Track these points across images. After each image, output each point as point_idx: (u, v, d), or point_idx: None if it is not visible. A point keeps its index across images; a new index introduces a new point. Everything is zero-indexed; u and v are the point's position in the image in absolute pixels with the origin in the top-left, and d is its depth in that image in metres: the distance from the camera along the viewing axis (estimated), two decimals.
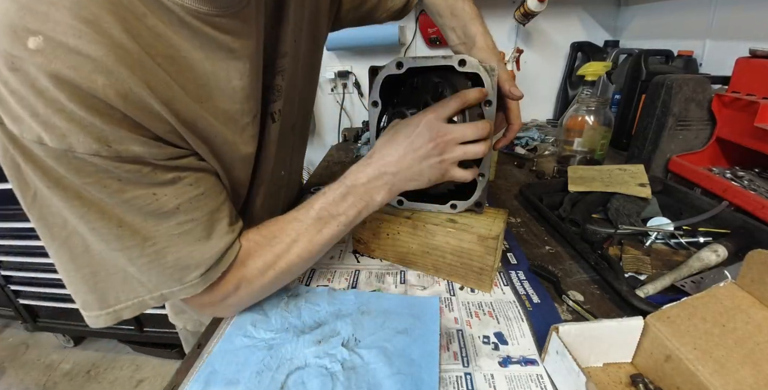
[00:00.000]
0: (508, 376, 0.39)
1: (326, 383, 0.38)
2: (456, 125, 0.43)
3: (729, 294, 0.36)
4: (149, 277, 0.36)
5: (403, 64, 0.47)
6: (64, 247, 0.33)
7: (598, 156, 0.90)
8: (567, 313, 0.47)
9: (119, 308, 0.37)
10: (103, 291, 0.36)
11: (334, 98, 1.52)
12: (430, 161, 0.42)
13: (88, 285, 0.35)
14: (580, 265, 0.56)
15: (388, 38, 1.32)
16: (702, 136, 0.78)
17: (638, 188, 0.68)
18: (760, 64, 0.66)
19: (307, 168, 1.62)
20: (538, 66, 1.41)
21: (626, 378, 0.37)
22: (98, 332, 1.53)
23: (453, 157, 0.43)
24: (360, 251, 0.61)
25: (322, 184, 0.92)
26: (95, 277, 0.35)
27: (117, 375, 1.55)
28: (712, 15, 0.94)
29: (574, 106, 0.90)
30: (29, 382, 1.53)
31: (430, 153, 0.42)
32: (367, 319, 0.46)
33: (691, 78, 0.76)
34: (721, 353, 0.33)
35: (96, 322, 0.36)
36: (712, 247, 0.52)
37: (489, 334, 0.44)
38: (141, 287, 0.37)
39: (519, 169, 0.97)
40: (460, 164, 0.45)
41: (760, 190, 0.64)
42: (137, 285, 0.37)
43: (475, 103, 0.44)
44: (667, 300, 0.41)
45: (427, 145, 0.42)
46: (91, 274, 0.35)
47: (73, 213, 0.32)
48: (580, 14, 1.35)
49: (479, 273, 0.50)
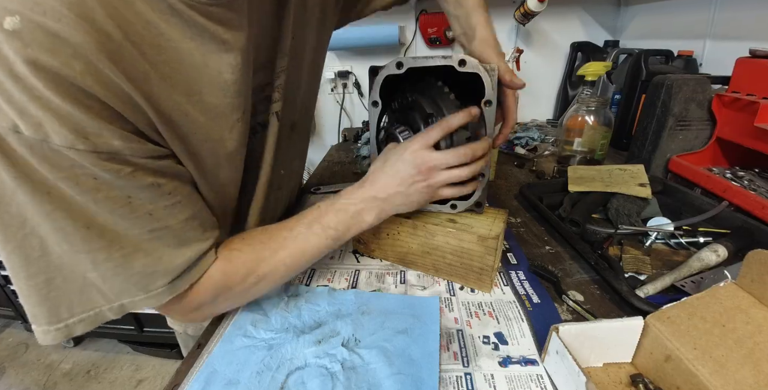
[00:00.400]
0: (508, 376, 0.39)
1: (326, 383, 0.38)
2: (439, 153, 0.45)
3: (729, 294, 0.36)
4: (112, 284, 0.34)
5: (403, 64, 0.47)
6: (18, 250, 0.31)
7: (598, 156, 0.90)
8: (567, 313, 0.47)
9: (72, 322, 0.34)
10: (56, 302, 0.33)
11: (334, 98, 1.52)
12: (416, 187, 0.45)
13: (40, 295, 0.32)
14: (580, 265, 0.56)
15: (388, 38, 1.32)
16: (702, 136, 0.78)
17: (638, 188, 0.68)
18: (760, 64, 0.66)
19: (307, 168, 1.62)
20: (538, 66, 1.41)
21: (626, 378, 0.37)
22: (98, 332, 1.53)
23: (437, 182, 0.46)
24: (360, 251, 0.61)
25: (322, 184, 0.92)
26: (49, 286, 0.32)
27: (117, 375, 1.55)
28: (712, 15, 0.94)
29: (574, 106, 0.90)
30: (29, 382, 1.53)
31: (415, 179, 0.45)
32: (367, 319, 0.46)
33: (691, 78, 0.76)
34: (721, 353, 0.33)
35: (44, 339, 0.34)
36: (712, 247, 0.52)
37: (489, 334, 0.44)
38: (99, 297, 0.35)
39: (519, 169, 0.97)
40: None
41: (760, 190, 0.64)
42: (95, 294, 0.34)
43: (459, 126, 0.46)
44: (667, 300, 0.41)
45: (411, 173, 0.45)
46: (45, 282, 0.32)
47: (38, 210, 0.29)
48: (580, 14, 1.35)
49: (479, 273, 0.50)
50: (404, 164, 0.45)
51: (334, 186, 0.89)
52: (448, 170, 0.45)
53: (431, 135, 0.45)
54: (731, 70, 0.71)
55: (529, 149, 1.09)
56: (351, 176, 0.99)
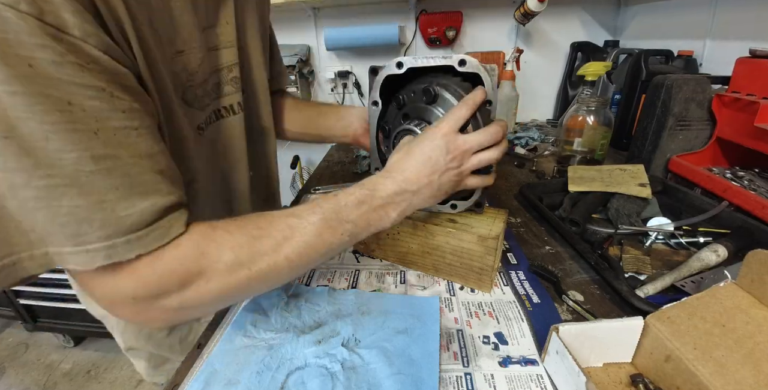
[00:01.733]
0: (508, 376, 0.39)
1: (326, 383, 0.38)
2: (471, 135, 0.41)
3: (729, 294, 0.36)
4: (33, 220, 0.26)
5: (403, 64, 0.47)
6: None
7: (598, 156, 0.90)
8: (567, 313, 0.47)
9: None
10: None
11: (334, 98, 1.52)
12: (448, 175, 0.41)
13: None
14: (580, 265, 0.56)
15: (388, 38, 1.32)
16: (702, 136, 0.78)
17: (638, 188, 0.68)
18: (760, 64, 0.66)
19: (307, 168, 1.62)
20: (538, 66, 1.41)
21: (626, 378, 0.37)
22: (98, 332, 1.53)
23: (469, 167, 0.42)
24: (360, 251, 0.61)
25: (322, 184, 0.92)
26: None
27: (117, 375, 1.55)
28: (712, 15, 0.94)
29: (574, 106, 0.90)
30: (29, 382, 1.53)
31: (449, 166, 0.40)
32: (368, 319, 0.46)
33: (691, 78, 0.76)
34: (721, 353, 0.33)
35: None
36: (712, 247, 0.52)
37: (489, 334, 0.44)
38: (20, 236, 0.27)
39: (519, 169, 0.97)
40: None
41: (760, 190, 0.64)
42: (14, 233, 0.27)
43: (482, 103, 0.43)
44: (667, 300, 0.41)
45: (446, 159, 0.40)
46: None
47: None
48: (580, 14, 1.35)
49: (479, 273, 0.50)
50: (437, 150, 0.39)
51: (334, 186, 0.89)
52: (480, 153, 0.42)
53: (461, 114, 0.40)
54: (731, 70, 0.71)
55: (529, 149, 1.09)
56: (351, 176, 0.99)
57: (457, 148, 0.40)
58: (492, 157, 0.42)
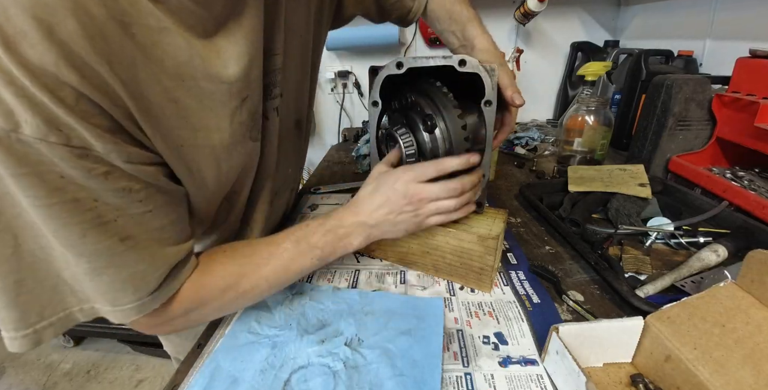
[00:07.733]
0: (508, 376, 0.39)
1: (328, 382, 0.38)
2: (430, 186, 0.45)
3: (729, 294, 0.36)
4: (83, 286, 0.33)
5: (403, 64, 0.47)
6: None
7: (598, 156, 0.90)
8: (567, 313, 0.47)
9: (41, 327, 0.32)
10: (26, 305, 0.31)
11: (334, 98, 1.52)
12: (404, 216, 0.45)
13: (8, 297, 0.31)
14: (580, 265, 0.56)
15: (388, 38, 1.32)
16: (702, 136, 0.78)
17: (638, 188, 0.68)
18: (760, 64, 0.66)
19: (307, 168, 1.62)
20: (538, 66, 1.41)
21: (626, 378, 0.38)
22: (98, 332, 1.53)
23: (425, 212, 0.46)
24: (360, 251, 0.61)
25: (322, 184, 0.92)
26: (19, 287, 0.31)
27: (117, 375, 1.55)
28: (712, 15, 0.94)
29: (574, 106, 0.90)
30: (29, 382, 1.53)
31: (404, 209, 0.45)
32: (371, 319, 0.46)
33: (691, 78, 0.76)
34: (721, 353, 0.33)
35: (11, 346, 0.32)
36: (712, 247, 0.52)
37: (489, 334, 0.44)
38: (71, 296, 0.33)
39: (519, 169, 0.97)
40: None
41: (760, 190, 0.64)
42: (68, 293, 0.33)
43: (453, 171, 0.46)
44: (667, 300, 0.41)
45: (401, 203, 0.45)
46: (15, 283, 0.30)
47: (12, 203, 0.28)
48: (580, 14, 1.35)
49: (479, 273, 0.50)
50: (395, 194, 0.45)
51: (334, 186, 0.89)
52: (437, 202, 0.45)
53: (425, 172, 0.45)
54: (731, 70, 0.71)
55: (529, 149, 1.09)
56: (351, 176, 0.99)
57: (415, 195, 0.44)
58: (450, 206, 0.46)
